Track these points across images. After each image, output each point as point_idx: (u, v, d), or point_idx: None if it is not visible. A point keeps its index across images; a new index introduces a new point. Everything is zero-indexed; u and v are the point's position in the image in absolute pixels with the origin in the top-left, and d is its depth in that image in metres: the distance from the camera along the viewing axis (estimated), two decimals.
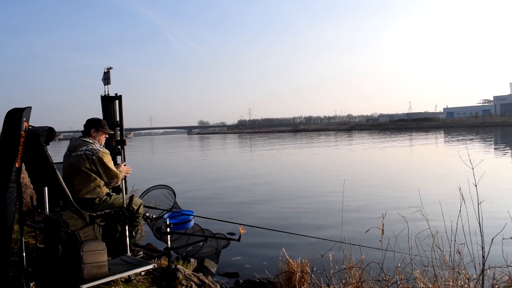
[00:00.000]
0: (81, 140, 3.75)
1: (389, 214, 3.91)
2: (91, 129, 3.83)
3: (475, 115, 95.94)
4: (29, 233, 4.88)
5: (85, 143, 3.71)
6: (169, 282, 3.55)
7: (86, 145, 3.69)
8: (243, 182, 13.95)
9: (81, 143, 3.72)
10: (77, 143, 3.73)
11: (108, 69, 4.98)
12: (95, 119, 3.91)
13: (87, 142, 3.72)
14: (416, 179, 12.26)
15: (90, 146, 3.69)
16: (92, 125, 3.84)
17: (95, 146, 3.71)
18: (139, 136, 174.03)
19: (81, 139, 3.76)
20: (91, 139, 3.78)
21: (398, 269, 3.29)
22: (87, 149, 3.66)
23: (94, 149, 3.67)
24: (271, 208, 9.21)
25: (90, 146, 3.69)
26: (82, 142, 3.72)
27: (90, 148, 3.67)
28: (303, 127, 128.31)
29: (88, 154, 3.64)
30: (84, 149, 3.66)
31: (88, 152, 3.64)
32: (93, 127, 3.84)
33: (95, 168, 3.66)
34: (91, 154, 3.64)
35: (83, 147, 3.67)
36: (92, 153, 3.64)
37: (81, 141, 3.74)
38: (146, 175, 15.59)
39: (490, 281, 2.93)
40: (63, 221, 2.96)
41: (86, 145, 3.69)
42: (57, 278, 2.92)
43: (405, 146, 30.38)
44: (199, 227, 4.96)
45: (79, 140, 3.76)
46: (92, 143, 3.73)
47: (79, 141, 3.74)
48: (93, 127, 3.83)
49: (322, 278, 3.54)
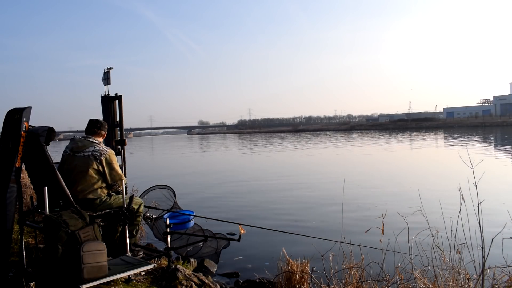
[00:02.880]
0: (87, 140, 3.73)
1: (389, 214, 3.91)
2: (101, 131, 3.87)
3: (475, 115, 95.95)
4: (29, 233, 4.87)
5: (91, 144, 3.70)
6: (169, 282, 3.55)
7: (93, 146, 3.68)
8: (243, 182, 13.94)
9: (87, 144, 3.70)
10: (83, 144, 3.70)
11: (108, 69, 4.98)
12: (99, 120, 3.95)
13: (93, 143, 3.72)
14: (416, 179, 12.26)
15: (97, 147, 3.69)
16: (103, 127, 3.90)
17: (102, 147, 3.72)
18: (139, 136, 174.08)
19: (87, 140, 3.73)
20: (96, 139, 3.78)
21: (398, 269, 3.29)
22: (95, 150, 3.65)
23: (101, 150, 3.68)
24: (271, 208, 9.20)
25: (97, 147, 3.69)
26: (88, 143, 3.70)
27: (97, 149, 3.67)
28: (303, 127, 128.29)
29: (96, 155, 3.63)
30: (92, 150, 3.65)
31: (96, 153, 3.64)
32: (103, 129, 3.89)
33: (102, 169, 3.65)
34: (99, 155, 3.64)
35: (89, 148, 3.66)
36: (100, 153, 3.65)
37: (87, 141, 3.72)
38: (146, 175, 15.59)
39: (490, 281, 2.93)
40: (63, 221, 2.96)
41: (93, 146, 3.68)
42: (57, 278, 2.92)
43: (405, 146, 30.37)
44: (199, 227, 4.96)
45: (84, 140, 3.73)
46: (98, 143, 3.74)
47: (85, 142, 3.71)
48: (102, 129, 3.88)
49: (322, 278, 3.55)
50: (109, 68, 4.99)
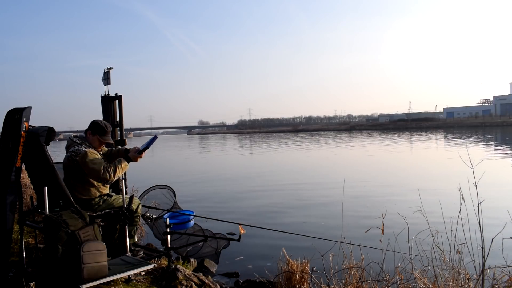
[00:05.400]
0: (71, 140, 3.71)
1: (389, 214, 3.91)
2: (88, 131, 3.76)
3: (475, 115, 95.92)
4: (29, 233, 4.87)
5: (73, 144, 3.66)
6: (169, 282, 3.55)
7: (74, 145, 3.63)
8: (243, 182, 13.94)
9: (71, 143, 3.68)
10: (68, 144, 3.70)
11: (108, 69, 4.98)
12: (98, 123, 3.79)
13: (75, 142, 3.67)
14: (416, 179, 12.25)
15: (76, 147, 3.61)
16: (92, 128, 3.75)
17: (79, 148, 3.60)
18: (139, 136, 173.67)
19: (71, 139, 3.71)
20: (79, 139, 3.70)
21: (398, 269, 3.29)
22: (73, 150, 3.58)
23: (77, 150, 3.57)
24: (271, 208, 9.20)
25: (77, 147, 3.61)
26: (71, 143, 3.68)
27: (76, 149, 3.58)
28: (303, 127, 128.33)
29: (73, 155, 3.56)
30: (71, 150, 3.60)
31: (73, 154, 3.57)
32: (91, 130, 3.75)
33: (81, 169, 3.54)
34: (75, 155, 3.55)
35: (71, 148, 3.63)
36: (76, 153, 3.55)
37: (71, 141, 3.70)
38: (146, 175, 15.59)
39: (490, 281, 2.93)
40: (63, 221, 2.96)
41: (73, 146, 3.63)
42: (57, 278, 2.92)
43: (405, 146, 30.36)
44: (199, 227, 4.96)
45: (70, 140, 3.73)
46: (79, 143, 3.65)
47: (70, 141, 3.71)
48: (91, 129, 3.75)
49: (322, 278, 3.55)
50: (109, 68, 4.99)
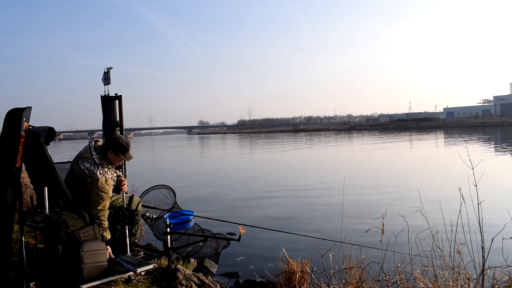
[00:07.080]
0: (89, 153, 3.38)
1: (389, 214, 3.91)
2: (110, 150, 3.42)
3: (475, 115, 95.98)
4: (29, 233, 4.88)
5: (92, 158, 3.36)
6: (169, 282, 3.55)
7: (90, 163, 3.34)
8: (243, 182, 13.95)
9: (89, 158, 3.37)
10: (86, 155, 3.38)
11: (108, 69, 4.98)
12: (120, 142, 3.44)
13: (93, 159, 3.36)
14: (416, 179, 12.25)
15: (92, 167, 3.33)
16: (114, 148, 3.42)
17: (95, 170, 3.31)
18: (139, 136, 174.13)
19: (91, 152, 3.38)
20: (98, 158, 3.37)
21: (398, 269, 3.29)
22: (88, 168, 3.31)
23: (92, 172, 3.30)
24: (271, 208, 9.21)
25: (92, 167, 3.33)
26: (89, 158, 3.37)
27: (91, 169, 3.31)
28: (303, 127, 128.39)
29: (86, 173, 3.31)
30: (87, 166, 3.32)
31: (87, 172, 3.31)
32: (113, 149, 3.41)
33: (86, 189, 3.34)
34: (88, 174, 3.30)
35: (86, 163, 3.34)
36: (89, 174, 3.30)
37: (89, 155, 3.37)
38: (146, 175, 15.59)
39: (490, 281, 2.93)
40: (63, 221, 2.97)
41: (90, 163, 3.34)
42: (57, 278, 2.92)
43: (405, 146, 30.36)
44: (199, 227, 4.96)
45: (89, 152, 3.38)
46: (97, 164, 3.35)
47: (88, 155, 3.38)
48: (113, 149, 3.41)
49: (322, 278, 3.54)
50: (109, 68, 4.99)
